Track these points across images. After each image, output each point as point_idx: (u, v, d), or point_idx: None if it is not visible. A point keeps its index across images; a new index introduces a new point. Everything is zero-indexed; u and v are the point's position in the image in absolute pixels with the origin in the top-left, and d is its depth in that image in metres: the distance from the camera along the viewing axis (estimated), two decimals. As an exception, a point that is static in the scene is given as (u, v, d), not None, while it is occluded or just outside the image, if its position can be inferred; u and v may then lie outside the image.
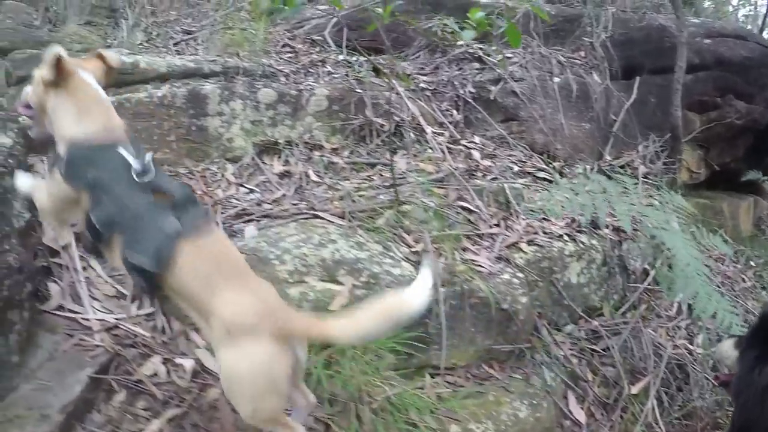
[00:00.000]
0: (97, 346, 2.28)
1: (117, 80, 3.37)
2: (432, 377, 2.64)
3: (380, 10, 2.80)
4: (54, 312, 2.37)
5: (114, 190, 1.60)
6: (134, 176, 1.61)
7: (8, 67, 3.77)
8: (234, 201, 3.04)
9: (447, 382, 2.68)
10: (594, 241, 3.49)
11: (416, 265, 2.74)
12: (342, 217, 2.90)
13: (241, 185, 3.19)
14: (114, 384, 2.18)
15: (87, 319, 2.39)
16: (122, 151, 1.65)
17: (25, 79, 3.79)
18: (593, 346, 3.18)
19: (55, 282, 2.47)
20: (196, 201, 1.73)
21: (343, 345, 1.63)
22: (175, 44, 4.52)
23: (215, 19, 4.98)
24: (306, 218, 2.88)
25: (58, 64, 1.64)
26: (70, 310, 2.40)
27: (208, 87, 3.44)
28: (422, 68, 4.66)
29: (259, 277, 1.72)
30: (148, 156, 1.70)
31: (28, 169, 2.58)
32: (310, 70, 4.10)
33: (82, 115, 1.69)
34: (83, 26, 4.81)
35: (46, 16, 4.91)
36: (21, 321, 2.14)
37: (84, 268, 2.57)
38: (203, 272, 1.58)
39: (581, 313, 3.28)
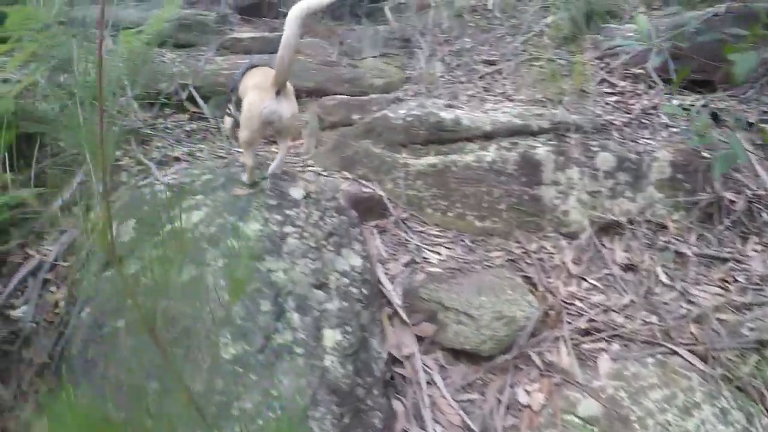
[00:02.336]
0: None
1: (439, 138, 3.09)
2: None
3: None
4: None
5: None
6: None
7: (320, 114, 3.66)
8: (578, 304, 2.58)
9: None
10: None
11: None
12: (704, 360, 2.35)
13: (583, 278, 2.72)
14: None
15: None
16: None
17: (336, 125, 3.67)
18: None
19: (398, 399, 2.20)
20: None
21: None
22: (480, 78, 4.15)
23: (515, 46, 4.52)
24: (664, 353, 2.37)
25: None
26: (419, 440, 2.11)
27: (542, 152, 3.00)
28: (766, 112, 3.81)
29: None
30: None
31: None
32: (643, 120, 3.48)
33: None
34: (379, 58, 4.63)
35: (341, 49, 4.80)
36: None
37: (428, 383, 2.27)
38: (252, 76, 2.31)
39: None
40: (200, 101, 3.61)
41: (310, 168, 3.21)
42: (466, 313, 2.27)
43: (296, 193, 2.29)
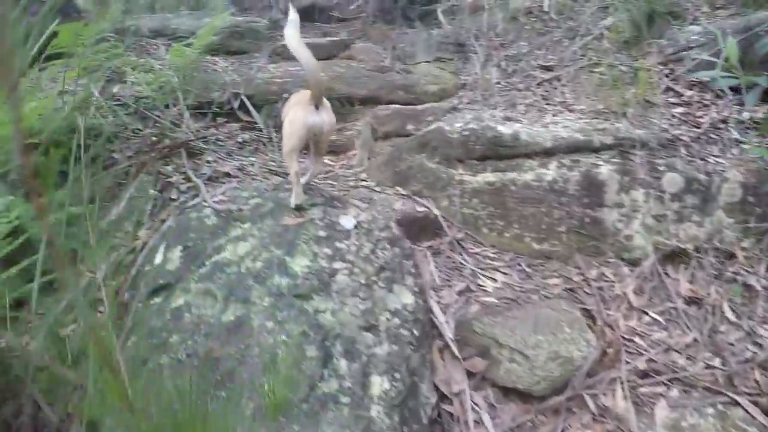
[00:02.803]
0: None
1: (496, 153, 2.97)
2: None
3: None
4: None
5: None
6: None
7: (373, 123, 3.58)
8: (638, 341, 2.44)
9: None
10: None
11: None
12: (766, 413, 2.17)
13: (644, 312, 2.57)
14: None
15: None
16: None
17: (390, 136, 3.58)
18: None
19: (444, 439, 2.11)
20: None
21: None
22: (538, 85, 3.99)
23: (574, 51, 4.34)
24: (725, 403, 2.21)
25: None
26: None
27: (605, 171, 2.85)
28: None
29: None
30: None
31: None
32: (712, 135, 3.27)
33: None
34: (433, 63, 4.51)
35: (394, 54, 4.69)
36: None
37: (476, 422, 2.17)
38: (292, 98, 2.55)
39: None
40: (252, 110, 3.56)
41: (362, 183, 3.14)
42: (521, 352, 2.16)
43: (347, 222, 2.22)
